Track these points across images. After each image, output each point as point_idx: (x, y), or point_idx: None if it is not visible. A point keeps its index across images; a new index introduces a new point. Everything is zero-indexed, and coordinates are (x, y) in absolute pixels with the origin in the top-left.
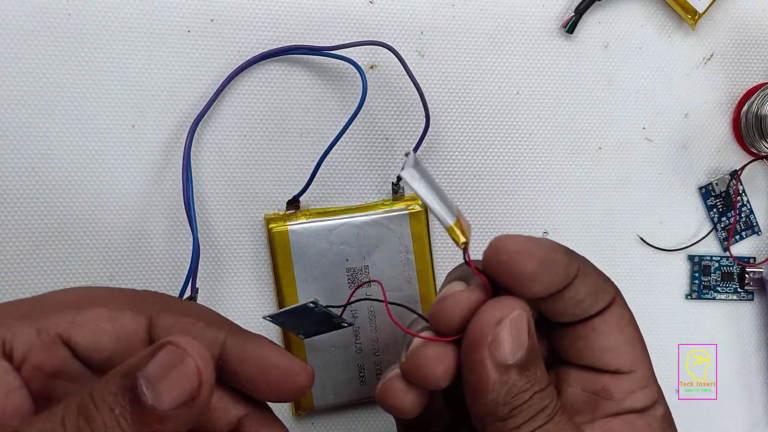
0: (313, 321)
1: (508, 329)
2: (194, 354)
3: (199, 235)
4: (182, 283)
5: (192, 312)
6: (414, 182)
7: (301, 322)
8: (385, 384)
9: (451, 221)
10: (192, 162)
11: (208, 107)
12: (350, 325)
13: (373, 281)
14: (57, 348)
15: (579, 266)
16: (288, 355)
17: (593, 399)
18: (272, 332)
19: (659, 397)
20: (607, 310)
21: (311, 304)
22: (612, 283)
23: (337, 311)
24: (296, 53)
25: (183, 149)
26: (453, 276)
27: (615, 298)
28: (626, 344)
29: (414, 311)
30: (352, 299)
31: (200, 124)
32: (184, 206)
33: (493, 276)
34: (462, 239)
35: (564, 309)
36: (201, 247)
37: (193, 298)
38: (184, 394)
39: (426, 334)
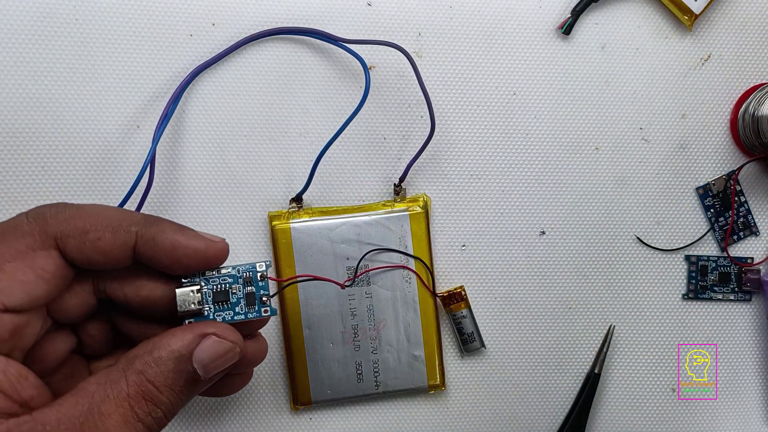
0: (238, 296)
1: None
2: (236, 340)
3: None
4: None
5: (100, 217)
6: None
7: (224, 293)
8: None
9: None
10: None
11: (212, 62)
12: (271, 314)
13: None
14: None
15: None
16: (196, 237)
17: None
18: (272, 326)
19: None
20: None
21: (262, 265)
22: None
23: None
24: (309, 36)
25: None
26: None
27: None
28: None
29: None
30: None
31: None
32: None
33: None
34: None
35: None
36: None
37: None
38: (228, 366)
39: None
